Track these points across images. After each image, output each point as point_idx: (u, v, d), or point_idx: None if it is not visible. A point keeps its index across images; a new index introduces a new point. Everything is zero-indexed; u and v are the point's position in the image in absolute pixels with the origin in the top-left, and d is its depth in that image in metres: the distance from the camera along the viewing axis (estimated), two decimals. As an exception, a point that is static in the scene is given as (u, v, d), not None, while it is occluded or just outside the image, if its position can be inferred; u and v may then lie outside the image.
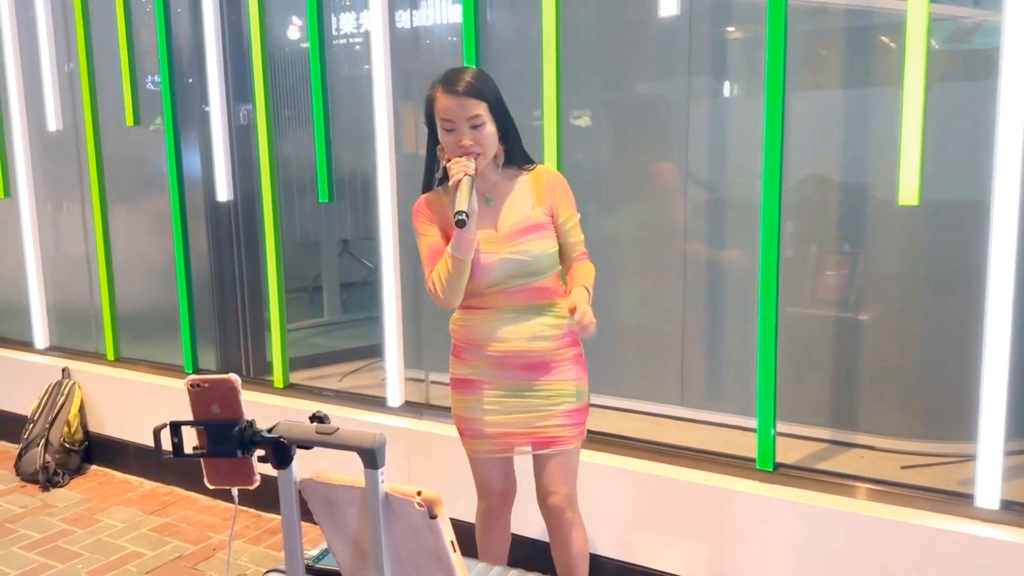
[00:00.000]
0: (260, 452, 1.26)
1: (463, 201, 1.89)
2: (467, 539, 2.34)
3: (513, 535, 2.38)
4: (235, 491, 1.32)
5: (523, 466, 2.27)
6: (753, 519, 2.48)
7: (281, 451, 1.22)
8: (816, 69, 2.96)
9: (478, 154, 1.99)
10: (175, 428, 1.29)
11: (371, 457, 1.15)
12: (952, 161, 2.61)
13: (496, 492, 2.25)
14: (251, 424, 1.26)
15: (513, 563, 2.29)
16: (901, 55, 2.24)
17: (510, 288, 2.06)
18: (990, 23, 2.71)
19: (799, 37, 2.78)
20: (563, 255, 2.16)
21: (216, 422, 1.27)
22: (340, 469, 1.26)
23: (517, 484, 2.29)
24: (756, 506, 2.48)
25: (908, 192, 2.25)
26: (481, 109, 1.98)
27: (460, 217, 1.87)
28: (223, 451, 1.27)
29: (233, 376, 1.25)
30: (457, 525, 2.53)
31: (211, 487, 1.33)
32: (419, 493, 1.16)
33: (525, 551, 2.58)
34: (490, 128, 2.01)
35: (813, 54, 2.95)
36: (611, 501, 2.70)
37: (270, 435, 1.23)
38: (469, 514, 2.55)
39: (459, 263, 2.00)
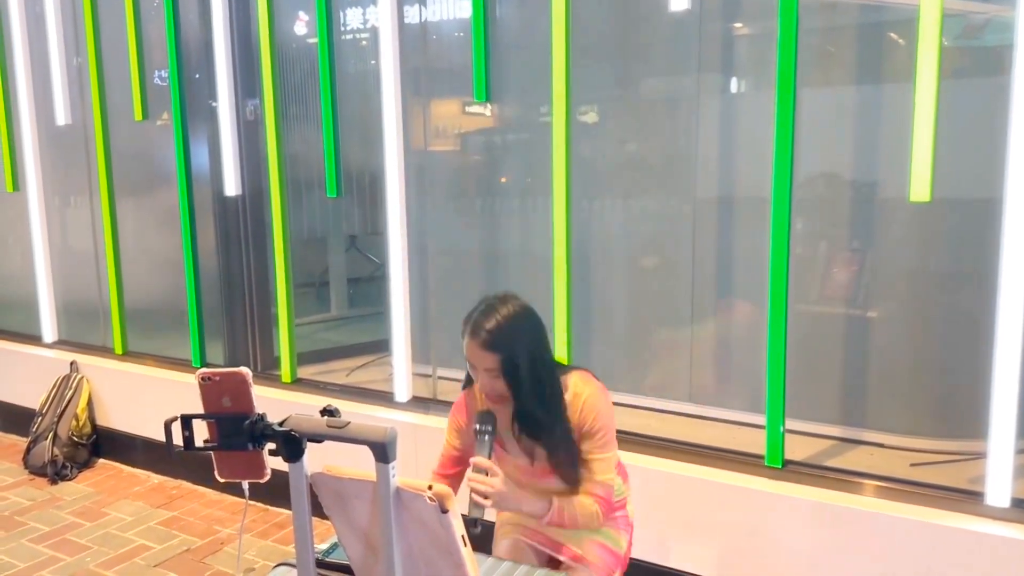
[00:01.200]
0: (271, 445, 1.26)
1: (471, 505, 1.77)
2: (478, 536, 2.34)
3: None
4: (245, 484, 1.32)
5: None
6: (762, 516, 2.48)
7: (292, 444, 1.21)
8: (827, 66, 2.95)
9: (498, 397, 1.88)
10: (186, 421, 1.28)
11: (382, 451, 1.15)
12: (963, 158, 2.59)
13: None
14: (262, 417, 1.25)
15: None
16: (913, 51, 2.23)
17: None
18: (1001, 19, 2.69)
19: (810, 33, 2.77)
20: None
21: (227, 415, 1.26)
22: (348, 463, 1.26)
23: None
24: (765, 503, 2.47)
25: (920, 188, 2.24)
26: (492, 364, 1.84)
27: (472, 529, 1.74)
28: (234, 444, 1.26)
29: (244, 369, 1.25)
30: (468, 521, 2.49)
31: (221, 480, 1.33)
32: (430, 487, 1.16)
33: None
34: (504, 382, 1.86)
35: (824, 50, 2.94)
36: (619, 497, 2.70)
37: (281, 428, 1.22)
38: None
39: None
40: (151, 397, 3.94)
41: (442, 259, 3.67)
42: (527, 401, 1.87)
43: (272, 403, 3.43)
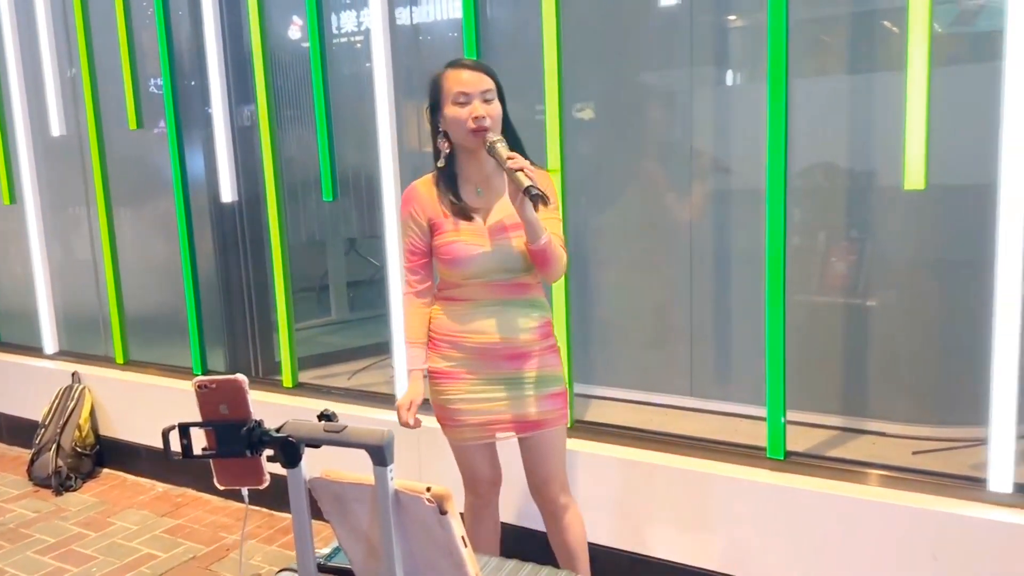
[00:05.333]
0: (269, 452, 1.26)
1: (524, 179, 1.92)
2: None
3: (505, 524, 2.41)
4: (245, 491, 1.33)
5: (508, 456, 2.28)
6: (764, 508, 2.48)
7: (290, 450, 1.22)
8: (822, 55, 2.94)
9: (488, 128, 2.03)
10: (184, 430, 1.29)
11: (380, 454, 1.15)
12: (959, 144, 2.59)
13: (484, 480, 2.28)
14: (259, 424, 1.26)
15: (507, 553, 2.30)
16: (904, 38, 2.23)
17: (492, 282, 2.10)
18: (995, 5, 2.69)
19: (804, 24, 2.76)
20: None
21: (224, 423, 1.27)
22: (348, 467, 1.26)
23: (503, 471, 2.31)
24: (767, 495, 2.47)
25: (914, 176, 2.23)
26: (491, 85, 2.05)
27: (533, 192, 1.90)
28: (232, 451, 1.27)
29: (240, 376, 1.26)
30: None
31: (221, 488, 1.33)
32: (428, 489, 1.16)
33: (521, 541, 2.58)
34: (498, 106, 2.06)
35: (816, 41, 2.94)
36: (622, 493, 2.70)
37: (278, 434, 1.23)
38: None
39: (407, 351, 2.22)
40: (154, 406, 3.94)
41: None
42: (509, 131, 2.09)
43: (274, 408, 3.45)
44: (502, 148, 1.99)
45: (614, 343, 3.33)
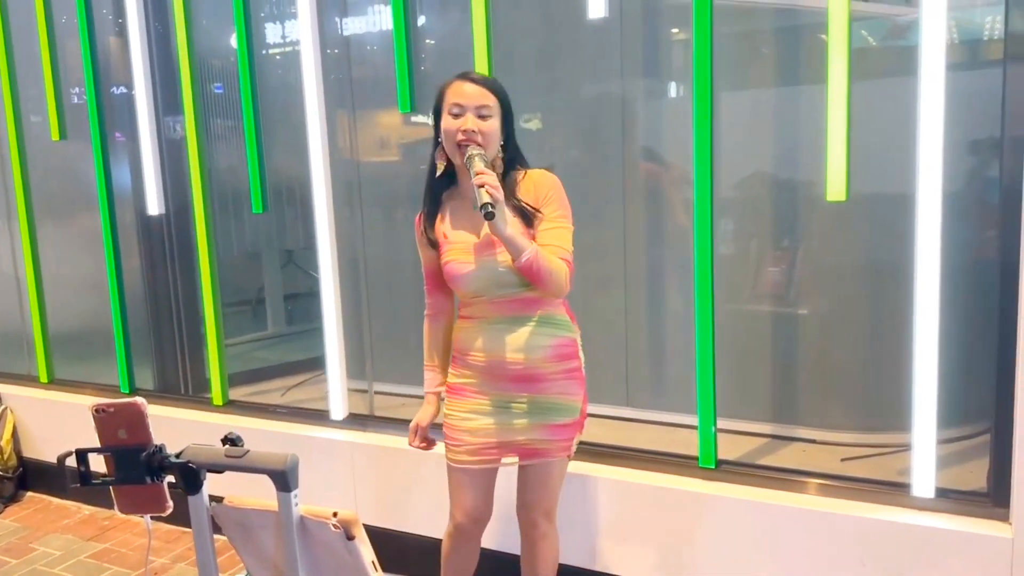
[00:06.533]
0: (170, 478, 1.21)
1: (483, 195, 1.85)
2: (419, 552, 2.29)
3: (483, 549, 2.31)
4: (147, 519, 1.27)
5: (499, 484, 2.22)
6: (696, 517, 2.48)
7: (190, 476, 1.17)
8: (750, 69, 2.98)
9: (479, 143, 1.96)
10: (81, 456, 1.23)
11: (283, 479, 1.11)
12: (890, 155, 2.64)
13: (469, 512, 2.15)
14: (160, 449, 1.21)
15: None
16: (825, 52, 2.26)
17: (496, 299, 2.03)
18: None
19: (732, 37, 2.80)
20: None
21: (123, 448, 1.22)
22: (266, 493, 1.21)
23: (493, 508, 2.21)
24: (699, 504, 2.48)
25: (836, 188, 2.27)
26: (491, 101, 1.98)
27: (487, 210, 1.83)
28: (131, 478, 1.22)
29: (139, 400, 1.21)
30: (405, 538, 2.46)
31: (122, 515, 1.28)
32: (335, 514, 1.12)
33: (495, 566, 2.54)
34: (495, 123, 1.98)
35: (745, 54, 2.97)
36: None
37: (178, 460, 1.18)
38: (418, 527, 2.51)
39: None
40: (80, 426, 3.77)
41: (376, 271, 3.62)
42: (515, 148, 2.06)
43: (203, 427, 3.35)
44: (478, 161, 1.91)
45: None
